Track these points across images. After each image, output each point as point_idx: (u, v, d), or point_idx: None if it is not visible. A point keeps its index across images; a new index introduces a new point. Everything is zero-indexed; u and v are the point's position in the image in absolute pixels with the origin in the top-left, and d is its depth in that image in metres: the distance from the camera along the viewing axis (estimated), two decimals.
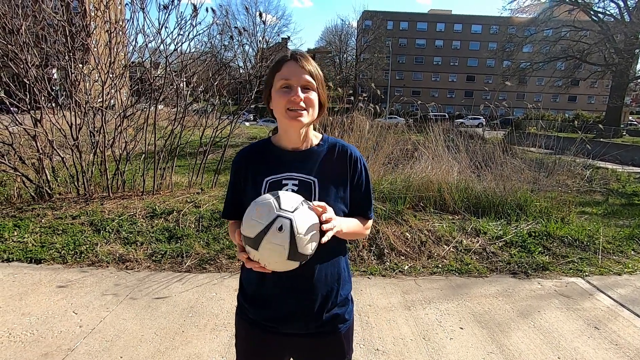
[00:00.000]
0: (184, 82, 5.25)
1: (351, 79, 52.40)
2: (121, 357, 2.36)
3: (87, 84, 5.38)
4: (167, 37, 4.85)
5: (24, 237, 3.86)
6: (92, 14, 5.34)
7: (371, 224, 1.35)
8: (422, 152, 5.93)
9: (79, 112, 4.90)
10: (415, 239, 4.03)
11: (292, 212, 1.00)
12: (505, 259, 3.89)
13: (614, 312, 3.06)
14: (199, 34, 9.22)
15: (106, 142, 4.92)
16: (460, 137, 6.10)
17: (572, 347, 2.59)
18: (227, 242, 3.90)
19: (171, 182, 5.25)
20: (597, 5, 29.77)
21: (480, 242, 4.11)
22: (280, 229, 0.98)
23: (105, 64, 4.91)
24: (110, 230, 3.99)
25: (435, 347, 2.55)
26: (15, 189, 4.88)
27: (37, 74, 4.59)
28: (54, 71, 5.40)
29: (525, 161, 6.58)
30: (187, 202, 4.51)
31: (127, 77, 5.65)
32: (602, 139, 15.76)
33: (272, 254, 1.01)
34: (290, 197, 1.04)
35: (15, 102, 4.56)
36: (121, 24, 5.23)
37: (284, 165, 1.22)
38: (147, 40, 5.15)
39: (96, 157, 4.99)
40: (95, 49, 5.20)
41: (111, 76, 4.99)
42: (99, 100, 5.05)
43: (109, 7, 4.94)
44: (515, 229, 4.38)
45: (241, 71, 7.19)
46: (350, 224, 1.22)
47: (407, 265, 3.73)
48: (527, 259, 3.87)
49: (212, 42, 6.85)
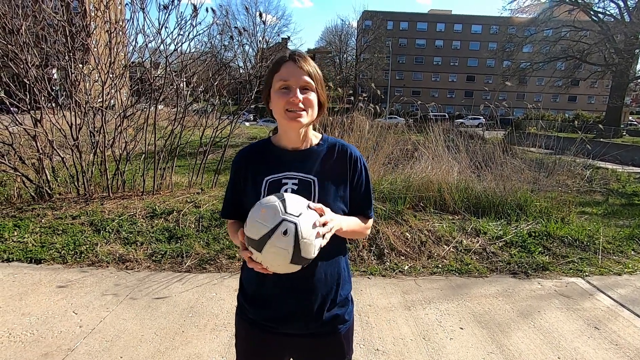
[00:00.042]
0: (184, 82, 5.25)
1: (351, 79, 52.40)
2: (121, 357, 2.36)
3: (87, 84, 5.38)
4: (167, 37, 4.86)
5: (24, 237, 3.86)
6: (92, 14, 5.34)
7: (372, 224, 1.35)
8: (422, 152, 5.93)
9: (79, 112, 4.90)
10: (415, 239, 4.03)
11: (298, 217, 1.00)
12: (505, 259, 3.89)
13: (614, 312, 3.06)
14: (199, 34, 9.23)
15: (106, 142, 4.92)
16: (460, 137, 6.09)
17: (572, 347, 2.59)
18: (227, 242, 3.90)
19: (171, 182, 5.25)
20: (597, 5, 29.81)
21: (480, 242, 4.11)
22: (285, 233, 0.98)
23: (105, 64, 4.91)
24: (110, 230, 3.99)
25: (435, 347, 2.55)
26: (15, 189, 4.88)
27: (37, 74, 4.59)
28: (54, 71, 5.40)
29: (525, 161, 6.58)
30: (187, 202, 4.51)
31: (127, 77, 5.65)
32: (602, 139, 15.77)
33: (276, 257, 1.00)
34: (296, 201, 1.03)
35: (15, 102, 4.56)
36: (121, 24, 5.23)
37: (284, 164, 1.23)
38: (147, 40, 5.16)
39: (96, 157, 5.00)
40: (95, 49, 5.20)
41: (111, 76, 4.99)
42: (99, 100, 5.05)
43: (109, 7, 4.94)
44: (515, 229, 4.38)
45: (241, 71, 7.20)
46: (350, 222, 1.22)
47: (407, 265, 3.73)
48: (527, 259, 3.87)
49: (212, 42, 6.86)
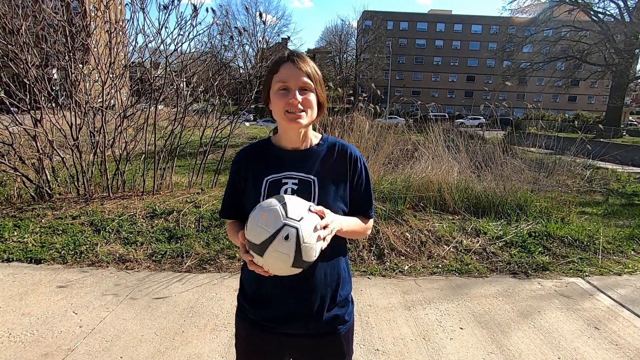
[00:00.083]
0: (184, 82, 5.25)
1: (351, 79, 52.39)
2: (121, 357, 2.36)
3: (87, 84, 5.38)
4: (167, 37, 4.86)
5: (24, 237, 3.86)
6: (92, 14, 5.34)
7: (372, 224, 1.35)
8: (422, 152, 5.93)
9: (79, 112, 4.90)
10: (415, 239, 4.03)
11: (299, 221, 0.99)
12: (505, 259, 3.89)
13: (614, 312, 3.06)
14: (199, 34, 9.14)
15: (106, 142, 4.92)
16: (460, 137, 6.09)
17: (572, 347, 2.59)
18: (227, 242, 3.90)
19: (171, 182, 5.25)
20: (597, 5, 29.83)
21: (480, 242, 4.11)
22: (286, 238, 0.98)
23: (105, 64, 4.91)
24: (110, 230, 3.99)
25: (435, 347, 2.55)
26: (15, 189, 4.88)
27: (37, 74, 4.59)
28: (54, 71, 5.40)
29: (525, 161, 6.58)
30: (187, 202, 4.51)
31: (127, 77, 5.65)
32: (602, 139, 15.76)
33: (277, 261, 1.01)
34: (296, 205, 1.03)
35: (15, 102, 4.56)
36: (121, 24, 5.24)
37: (284, 164, 1.23)
38: (147, 40, 5.16)
39: (96, 157, 5.00)
40: (95, 49, 5.20)
41: (111, 76, 4.99)
42: (99, 100, 5.05)
43: (109, 7, 4.94)
44: (515, 229, 4.38)
45: (241, 71, 7.20)
46: (350, 222, 1.22)
47: (407, 265, 3.73)
48: (527, 259, 3.87)
49: (212, 42, 6.85)
